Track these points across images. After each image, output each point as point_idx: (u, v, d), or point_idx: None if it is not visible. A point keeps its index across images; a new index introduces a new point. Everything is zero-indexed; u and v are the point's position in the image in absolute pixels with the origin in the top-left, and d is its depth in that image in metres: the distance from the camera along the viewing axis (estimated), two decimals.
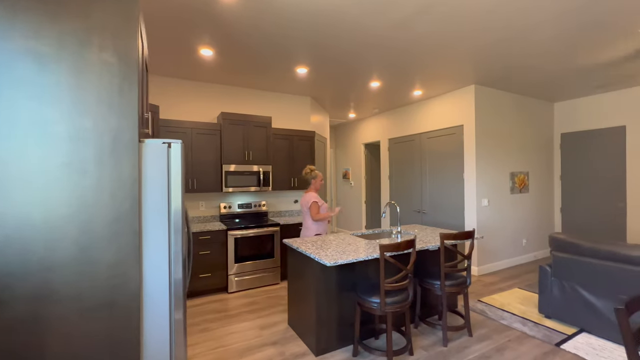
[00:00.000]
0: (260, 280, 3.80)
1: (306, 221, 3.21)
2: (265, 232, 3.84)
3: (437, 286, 2.48)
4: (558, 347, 2.41)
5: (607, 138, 4.78)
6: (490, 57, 3.27)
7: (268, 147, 4.10)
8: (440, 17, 2.45)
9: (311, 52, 3.09)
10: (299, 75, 3.82)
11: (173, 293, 1.36)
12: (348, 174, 7.17)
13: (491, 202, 4.41)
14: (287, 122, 4.68)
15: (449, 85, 4.25)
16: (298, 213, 4.73)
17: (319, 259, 2.13)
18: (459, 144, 4.43)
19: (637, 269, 2.33)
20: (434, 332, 2.65)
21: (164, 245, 1.33)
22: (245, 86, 4.25)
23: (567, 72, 3.79)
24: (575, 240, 2.72)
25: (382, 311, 2.08)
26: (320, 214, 3.12)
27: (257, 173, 4.00)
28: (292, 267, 2.70)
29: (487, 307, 3.14)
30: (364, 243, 2.62)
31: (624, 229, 4.59)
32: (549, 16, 2.45)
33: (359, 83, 4.12)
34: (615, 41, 2.91)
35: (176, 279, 1.37)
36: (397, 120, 5.61)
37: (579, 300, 2.64)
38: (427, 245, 2.58)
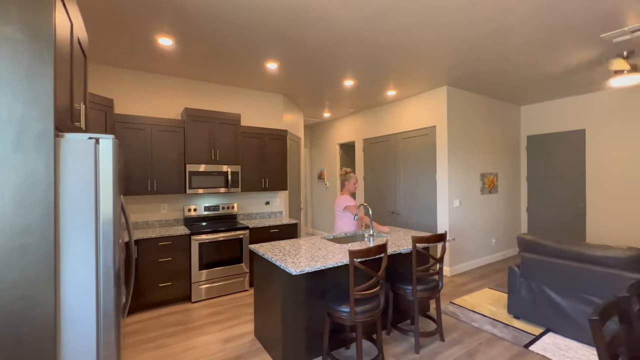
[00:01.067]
0: (227, 288, 3.58)
1: (337, 223, 3.37)
2: (233, 236, 3.62)
3: (409, 291, 2.40)
4: (527, 348, 2.41)
5: (568, 141, 4.99)
6: (462, 58, 3.27)
7: (237, 146, 3.88)
8: (414, 13, 2.38)
9: (281, 45, 2.93)
10: (270, 71, 3.64)
11: (102, 316, 1.15)
12: (323, 174, 7.05)
13: (462, 202, 4.46)
14: (258, 120, 4.48)
15: (422, 85, 4.24)
16: (269, 215, 4.54)
17: (284, 267, 1.98)
18: (432, 144, 4.44)
19: (600, 269, 2.38)
20: (405, 339, 2.57)
21: (89, 259, 1.12)
22: (212, 81, 4.00)
23: (533, 77, 3.89)
24: (542, 241, 2.75)
25: (351, 321, 1.96)
26: (364, 217, 3.29)
27: (225, 173, 3.77)
28: (258, 275, 2.52)
29: (459, 309, 3.12)
30: (335, 248, 2.49)
31: (584, 228, 4.81)
32: (517, 19, 2.44)
33: (333, 81, 4.01)
34: (578, 47, 2.99)
35: (106, 299, 1.16)
36: (372, 121, 5.56)
37: (545, 301, 2.67)
38: (399, 248, 2.50)
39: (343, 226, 3.33)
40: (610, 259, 2.36)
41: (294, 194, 5.22)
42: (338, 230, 3.35)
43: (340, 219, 3.35)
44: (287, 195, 4.76)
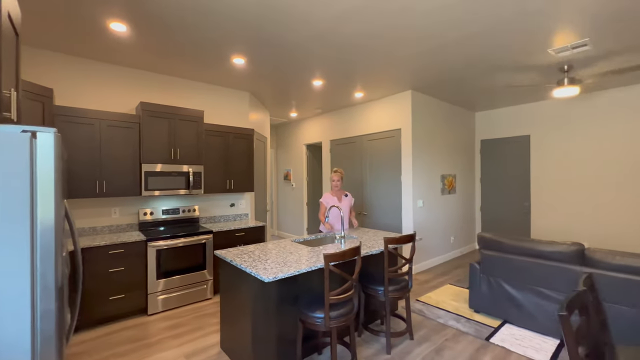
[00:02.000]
0: (188, 297, 3.33)
1: None
2: (195, 241, 3.38)
3: (381, 292, 2.41)
4: (488, 341, 2.54)
5: (516, 145, 5.45)
6: (425, 64, 3.39)
7: (199, 145, 3.64)
8: (383, 16, 2.40)
9: (249, 40, 2.79)
10: (236, 67, 3.46)
11: (40, 343, 0.96)
12: (289, 175, 6.94)
13: (425, 203, 4.64)
14: (222, 118, 4.25)
15: (388, 89, 4.34)
16: (234, 218, 4.34)
17: (256, 274, 1.86)
18: (397, 147, 4.56)
19: (550, 263, 2.59)
20: (376, 339, 2.58)
21: (23, 274, 0.93)
22: (172, 74, 3.71)
23: (487, 86, 4.18)
24: (499, 239, 2.94)
25: (327, 327, 1.90)
26: (320, 215, 3.48)
27: (186, 174, 3.51)
28: (225, 282, 2.36)
29: (425, 307, 3.23)
30: (307, 251, 2.42)
31: (529, 224, 5.29)
32: (475, 32, 2.58)
33: (302, 80, 3.93)
34: (527, 60, 3.26)
35: (45, 322, 0.97)
36: (339, 122, 5.58)
37: (502, 294, 2.86)
38: (371, 250, 2.50)
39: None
40: (557, 254, 2.58)
41: (260, 195, 5.05)
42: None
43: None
44: (253, 197, 4.58)
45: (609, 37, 2.76)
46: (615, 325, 2.25)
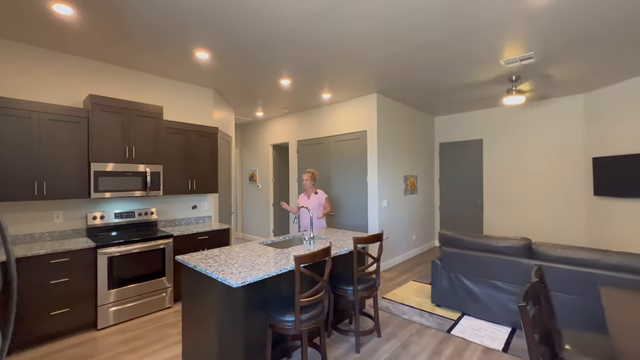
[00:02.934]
0: (145, 307, 3.08)
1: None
2: (153, 246, 3.14)
3: (350, 292, 2.44)
4: (449, 333, 2.68)
5: (470, 148, 5.86)
6: (390, 68, 3.50)
7: (158, 143, 3.40)
8: (350, 19, 2.43)
9: (214, 34, 2.66)
10: (200, 62, 3.29)
11: None
12: (255, 176, 6.77)
13: (389, 203, 4.80)
14: (184, 115, 4.01)
15: (355, 91, 4.42)
16: (197, 220, 4.12)
17: (223, 279, 1.77)
18: (363, 148, 4.66)
19: (502, 257, 2.81)
20: (346, 339, 2.60)
21: None
22: (129, 66, 3.43)
23: (445, 92, 4.44)
24: (458, 236, 3.12)
25: (297, 330, 1.87)
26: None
27: (142, 174, 3.26)
28: (188, 289, 2.22)
29: (391, 304, 3.32)
30: (276, 253, 2.36)
31: (481, 222, 5.70)
32: (434, 40, 2.73)
33: (269, 79, 3.85)
34: (480, 70, 3.51)
35: None
36: (307, 122, 5.57)
37: (462, 288, 3.04)
38: (340, 250, 2.51)
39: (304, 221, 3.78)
40: (509, 248, 2.81)
41: (225, 197, 4.86)
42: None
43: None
44: (217, 198, 4.39)
45: (550, 52, 3.06)
46: (559, 311, 2.49)
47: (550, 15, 2.38)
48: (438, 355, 2.35)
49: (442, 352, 2.40)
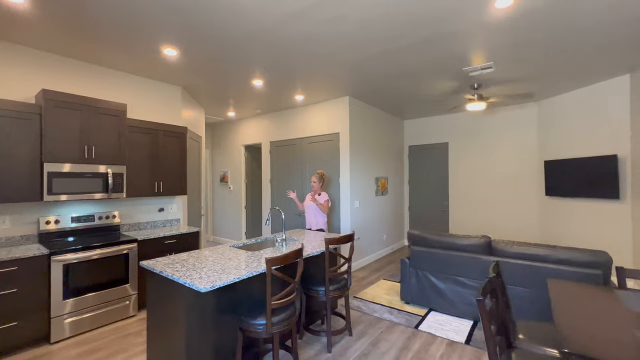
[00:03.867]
0: (106, 317, 2.90)
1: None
2: (115, 251, 2.97)
3: (322, 292, 2.46)
4: (417, 329, 2.80)
5: (437, 151, 6.14)
6: (361, 72, 3.59)
7: (121, 143, 3.22)
8: (322, 23, 2.46)
9: (182, 30, 2.58)
10: (167, 58, 3.17)
11: None
12: (226, 177, 6.62)
13: (361, 203, 4.90)
14: (151, 113, 3.84)
15: (328, 93, 4.47)
16: (164, 224, 3.95)
17: (190, 284, 1.72)
18: (336, 150, 4.73)
19: (465, 255, 2.97)
20: (318, 339, 2.62)
21: None
22: (89, 60, 3.22)
23: (414, 97, 4.63)
24: (425, 235, 3.26)
25: (268, 333, 1.86)
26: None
27: (103, 175, 3.07)
28: (154, 296, 2.12)
29: (362, 302, 3.40)
30: (247, 256, 2.33)
31: (447, 221, 6.00)
32: (406, 46, 2.84)
33: (241, 78, 3.79)
34: (446, 76, 3.70)
35: None
36: (280, 123, 5.54)
37: (428, 285, 3.17)
38: (312, 251, 2.53)
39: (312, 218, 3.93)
40: (471, 246, 2.98)
41: (194, 199, 4.70)
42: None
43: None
44: (185, 200, 4.24)
45: (508, 63, 3.30)
46: (515, 303, 2.68)
47: (506, 29, 2.57)
48: (406, 351, 2.44)
49: (410, 347, 2.49)
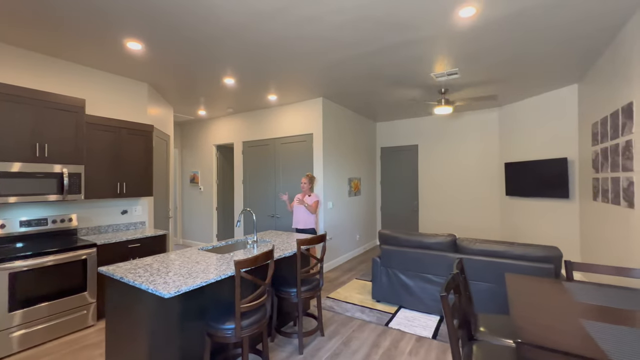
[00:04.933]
0: (62, 328, 2.69)
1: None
2: (71, 257, 2.76)
3: (294, 294, 2.45)
4: (387, 326, 2.86)
5: (408, 153, 6.34)
6: (332, 75, 3.63)
7: (79, 141, 3.01)
8: (294, 24, 2.46)
9: (147, 23, 2.46)
10: (131, 52, 3.01)
11: None
12: (197, 178, 6.40)
13: (335, 204, 4.94)
14: (113, 110, 3.62)
15: (301, 94, 4.46)
16: (128, 227, 3.73)
17: (153, 290, 1.64)
18: (309, 151, 4.73)
19: (432, 252, 3.09)
20: (289, 341, 2.60)
21: None
22: (43, 51, 2.97)
23: (385, 100, 4.75)
24: (395, 234, 3.35)
25: (238, 337, 1.81)
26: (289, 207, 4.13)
27: (58, 175, 2.85)
28: (114, 304, 2.00)
29: (335, 302, 3.42)
30: (216, 259, 2.27)
31: (417, 221, 6.21)
32: (374, 50, 2.92)
33: (211, 76, 3.69)
34: (415, 80, 3.84)
35: None
36: (253, 124, 5.45)
37: (398, 283, 3.26)
38: (284, 252, 2.51)
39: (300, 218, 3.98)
40: (438, 244, 3.11)
41: (161, 200, 4.50)
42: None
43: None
44: (152, 202, 4.04)
45: (471, 69, 3.48)
46: (478, 298, 2.83)
47: (470, 38, 2.71)
48: (376, 348, 2.49)
49: (380, 344, 2.55)
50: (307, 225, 3.93)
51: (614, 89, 2.86)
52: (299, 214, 3.97)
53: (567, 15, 2.36)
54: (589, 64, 3.36)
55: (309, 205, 3.87)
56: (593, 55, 3.13)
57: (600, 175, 3.21)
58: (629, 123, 2.52)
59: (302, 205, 3.93)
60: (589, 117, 3.60)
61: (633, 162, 2.45)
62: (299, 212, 3.97)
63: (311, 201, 3.93)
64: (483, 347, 1.58)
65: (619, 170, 2.71)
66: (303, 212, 3.94)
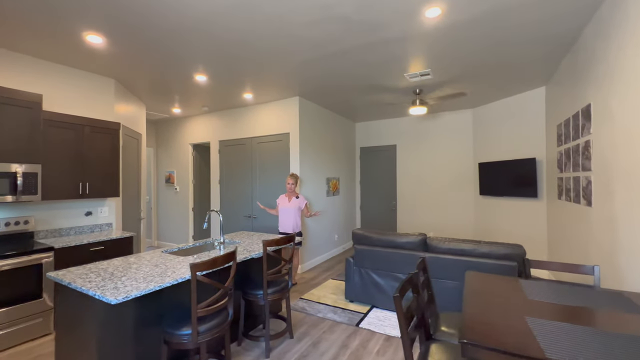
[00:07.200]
0: (16, 336, 2.53)
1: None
2: (24, 262, 2.60)
3: (261, 296, 2.40)
4: (357, 326, 2.85)
5: (386, 153, 6.39)
6: (305, 73, 3.59)
7: (35, 138, 2.85)
8: (265, 19, 2.41)
9: (105, 14, 2.35)
10: (93, 46, 2.87)
11: None
12: (172, 178, 6.22)
13: (313, 204, 4.91)
14: (78, 107, 3.44)
15: (277, 93, 4.41)
16: (92, 229, 3.57)
17: (100, 296, 1.55)
18: (286, 150, 4.68)
19: (403, 252, 3.11)
20: (257, 345, 2.55)
21: None
22: None
23: (360, 100, 4.76)
24: (367, 234, 3.35)
25: (195, 343, 1.75)
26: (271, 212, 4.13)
27: (11, 175, 2.68)
28: (64, 311, 1.89)
29: (307, 303, 3.39)
30: (176, 262, 2.19)
31: (395, 220, 6.26)
32: (345, 48, 2.90)
33: (182, 73, 3.57)
34: (389, 80, 3.85)
35: None
36: (229, 122, 5.34)
37: (371, 283, 3.26)
38: (251, 254, 2.45)
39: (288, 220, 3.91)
40: (409, 243, 3.12)
41: (131, 201, 4.33)
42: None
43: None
44: (119, 202, 3.89)
45: (443, 70, 3.53)
46: (446, 296, 2.86)
47: (438, 39, 2.73)
48: (345, 349, 2.47)
49: (349, 345, 2.53)
50: (295, 229, 3.85)
51: (575, 91, 2.96)
52: (288, 217, 3.85)
53: (530, 17, 2.41)
54: (553, 66, 3.47)
55: (305, 212, 3.91)
56: (557, 58, 3.23)
57: (563, 174, 3.32)
58: (587, 124, 2.61)
59: (290, 207, 3.83)
60: (555, 118, 3.72)
61: (591, 162, 2.53)
62: (288, 216, 3.85)
63: (303, 205, 3.90)
64: (440, 347, 1.58)
65: (579, 169, 2.81)
66: (294, 215, 3.84)
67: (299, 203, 3.89)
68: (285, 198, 3.95)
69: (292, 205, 3.87)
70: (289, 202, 3.89)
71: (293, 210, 3.85)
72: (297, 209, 3.87)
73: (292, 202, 3.88)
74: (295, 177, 3.95)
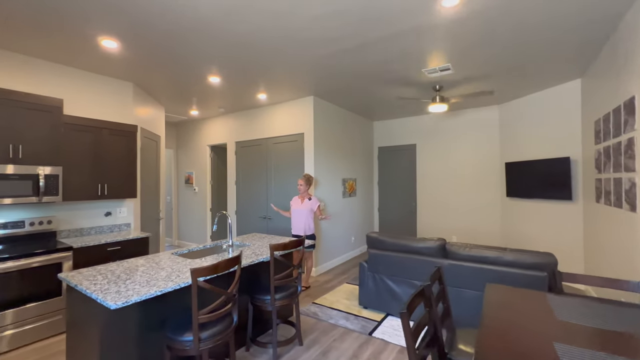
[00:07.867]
0: (34, 334, 2.63)
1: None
2: (44, 261, 2.70)
3: (268, 302, 2.33)
4: (370, 335, 2.72)
5: (406, 152, 6.15)
6: (321, 71, 3.49)
7: (57, 141, 2.95)
8: (269, 18, 2.34)
9: (118, 21, 2.37)
10: (109, 51, 2.93)
11: None
12: (191, 179, 6.34)
13: (328, 205, 4.81)
14: (97, 111, 3.55)
15: (292, 93, 4.34)
16: (111, 229, 3.67)
17: (101, 300, 1.54)
18: (301, 151, 4.61)
19: (421, 258, 2.93)
20: (265, 351, 2.48)
21: None
22: (16, 50, 2.92)
23: (377, 98, 4.59)
24: (382, 238, 3.20)
25: (196, 350, 1.70)
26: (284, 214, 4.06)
27: (34, 177, 2.79)
28: (74, 312, 1.91)
29: (320, 308, 3.29)
30: (183, 265, 2.16)
31: (415, 223, 6.02)
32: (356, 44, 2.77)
33: (196, 75, 3.59)
34: (406, 77, 3.67)
35: None
36: (245, 123, 5.36)
37: (385, 289, 3.11)
38: (259, 257, 2.39)
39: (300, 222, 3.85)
40: (426, 249, 2.94)
41: (150, 201, 4.43)
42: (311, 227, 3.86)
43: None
44: (137, 203, 3.98)
45: (465, 64, 3.30)
46: (465, 306, 2.66)
47: (458, 30, 2.54)
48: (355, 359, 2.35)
49: (360, 356, 2.40)
50: (307, 231, 3.78)
51: (616, 83, 2.66)
52: (300, 219, 3.80)
53: (562, 1, 2.17)
54: (591, 56, 3.15)
55: (317, 214, 3.84)
56: (595, 47, 2.92)
57: (602, 175, 3.00)
58: (630, 119, 2.32)
59: (303, 209, 3.77)
60: (592, 113, 3.38)
61: (635, 161, 2.25)
62: (300, 218, 3.80)
63: (315, 207, 3.82)
64: None
65: (621, 170, 2.51)
66: (306, 218, 3.78)
67: (311, 205, 3.80)
68: (298, 200, 3.88)
69: (304, 207, 3.78)
70: (301, 204, 3.81)
71: (305, 212, 3.77)
72: (309, 210, 3.78)
73: (304, 203, 3.80)
74: (306, 178, 3.87)
